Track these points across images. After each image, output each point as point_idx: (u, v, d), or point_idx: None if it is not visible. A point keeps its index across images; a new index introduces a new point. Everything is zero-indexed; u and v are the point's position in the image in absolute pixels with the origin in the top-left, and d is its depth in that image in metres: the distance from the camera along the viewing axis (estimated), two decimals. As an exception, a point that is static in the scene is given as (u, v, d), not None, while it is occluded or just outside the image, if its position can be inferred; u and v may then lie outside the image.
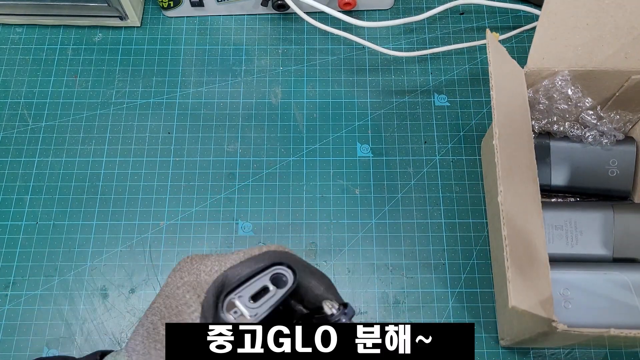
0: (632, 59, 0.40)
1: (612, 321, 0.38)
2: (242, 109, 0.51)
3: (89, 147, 0.50)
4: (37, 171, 0.49)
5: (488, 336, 0.43)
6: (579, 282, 0.39)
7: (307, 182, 0.48)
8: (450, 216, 0.47)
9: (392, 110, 0.51)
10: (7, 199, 0.48)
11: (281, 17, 0.55)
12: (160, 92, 0.52)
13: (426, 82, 0.52)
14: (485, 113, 0.51)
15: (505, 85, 0.37)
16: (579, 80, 0.41)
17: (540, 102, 0.43)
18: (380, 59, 0.53)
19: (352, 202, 0.47)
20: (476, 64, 0.53)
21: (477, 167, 0.49)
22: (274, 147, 0.50)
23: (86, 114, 0.51)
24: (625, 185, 0.44)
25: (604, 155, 0.44)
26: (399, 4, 0.56)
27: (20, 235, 0.46)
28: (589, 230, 0.42)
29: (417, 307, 0.44)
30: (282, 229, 0.47)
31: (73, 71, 0.53)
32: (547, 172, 0.44)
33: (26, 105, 0.51)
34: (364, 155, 0.49)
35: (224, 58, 0.53)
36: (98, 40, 0.54)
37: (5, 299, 0.44)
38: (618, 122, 0.44)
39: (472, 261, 0.45)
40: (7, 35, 0.54)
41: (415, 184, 0.48)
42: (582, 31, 0.39)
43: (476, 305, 0.44)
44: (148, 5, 0.56)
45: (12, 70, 0.53)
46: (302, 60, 0.53)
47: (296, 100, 0.52)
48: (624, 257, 0.41)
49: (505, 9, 0.55)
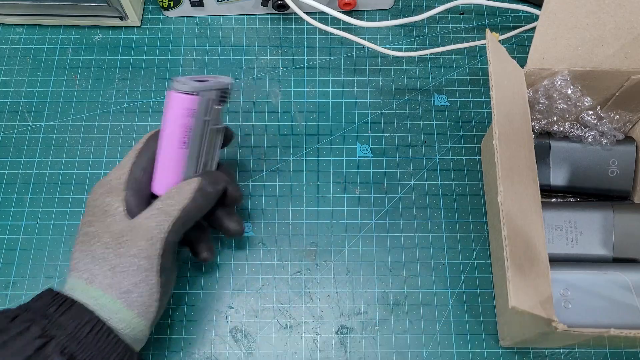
0: (632, 59, 0.40)
1: (612, 321, 0.38)
2: (242, 109, 0.51)
3: (89, 147, 0.50)
4: (37, 171, 0.49)
5: (488, 336, 0.43)
6: (579, 282, 0.39)
7: (307, 182, 0.48)
8: (450, 216, 0.47)
9: (392, 110, 0.51)
10: (7, 199, 0.48)
11: (281, 17, 0.55)
12: (160, 92, 0.52)
13: (426, 82, 0.52)
14: (485, 113, 0.51)
15: (505, 85, 0.37)
16: (578, 80, 0.41)
17: (540, 102, 0.43)
18: (380, 59, 0.53)
19: (352, 202, 0.47)
20: (476, 64, 0.53)
21: (477, 167, 0.49)
22: (274, 147, 0.50)
23: (86, 114, 0.51)
24: (625, 185, 0.44)
25: (604, 155, 0.44)
26: (399, 4, 0.56)
27: (20, 235, 0.46)
28: (589, 230, 0.42)
29: (417, 307, 0.44)
30: (282, 229, 0.47)
31: (73, 71, 0.53)
32: (547, 172, 0.44)
33: (26, 105, 0.51)
34: (364, 155, 0.49)
35: (224, 58, 0.53)
36: (98, 40, 0.54)
37: (5, 299, 0.44)
38: (618, 122, 0.44)
39: (472, 261, 0.45)
40: (7, 35, 0.54)
41: (415, 184, 0.48)
42: (582, 31, 0.39)
43: (476, 305, 0.44)
44: (148, 5, 0.56)
45: (12, 70, 0.53)
46: (302, 60, 0.53)
47: (296, 100, 0.52)
48: (624, 257, 0.41)
49: (505, 9, 0.55)
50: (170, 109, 0.37)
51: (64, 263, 0.45)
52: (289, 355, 0.42)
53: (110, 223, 0.35)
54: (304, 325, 0.43)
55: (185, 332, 0.43)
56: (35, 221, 0.47)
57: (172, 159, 0.37)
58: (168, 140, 0.37)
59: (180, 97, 0.36)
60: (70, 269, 0.35)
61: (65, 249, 0.46)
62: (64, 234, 0.46)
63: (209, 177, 0.38)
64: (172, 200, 0.36)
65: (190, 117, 0.36)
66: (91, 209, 0.37)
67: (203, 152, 0.39)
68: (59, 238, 0.46)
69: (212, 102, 0.37)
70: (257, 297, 0.44)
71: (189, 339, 0.43)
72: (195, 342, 0.43)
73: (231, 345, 0.43)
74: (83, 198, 0.48)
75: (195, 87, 0.36)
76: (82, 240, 0.36)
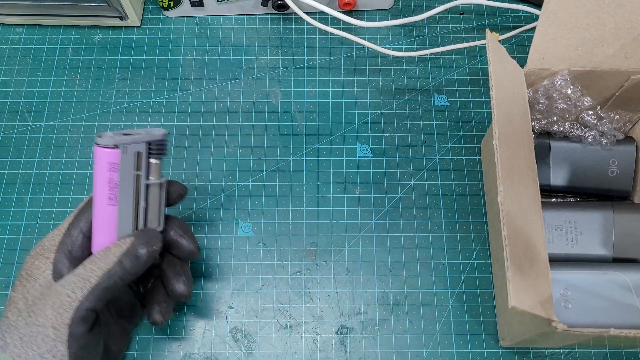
0: (632, 59, 0.40)
1: (612, 321, 0.38)
2: (242, 109, 0.51)
3: (89, 147, 0.50)
4: (37, 171, 0.49)
5: (488, 336, 0.43)
6: (579, 282, 0.39)
7: (307, 182, 0.48)
8: (450, 216, 0.47)
9: (392, 110, 0.51)
10: (7, 199, 0.48)
11: (281, 17, 0.55)
12: (160, 92, 0.52)
13: (426, 82, 0.52)
14: (485, 113, 0.51)
15: (505, 85, 0.37)
16: (578, 80, 0.41)
17: (540, 102, 0.43)
18: (380, 59, 0.53)
19: (352, 202, 0.47)
20: (476, 64, 0.53)
21: (477, 167, 0.49)
22: (274, 147, 0.50)
23: (86, 114, 0.51)
24: (625, 185, 0.44)
25: (604, 155, 0.44)
26: (399, 4, 0.56)
27: (20, 235, 0.46)
28: (589, 230, 0.42)
29: (417, 307, 0.44)
30: (282, 229, 0.47)
31: (73, 71, 0.53)
32: (547, 172, 0.44)
33: (26, 105, 0.51)
34: (364, 155, 0.49)
35: (224, 58, 0.53)
36: (98, 40, 0.54)
37: (5, 299, 0.44)
38: (618, 122, 0.44)
39: (472, 261, 0.45)
40: (7, 35, 0.54)
41: (415, 184, 0.48)
42: (582, 31, 0.39)
43: (476, 305, 0.44)
44: (148, 5, 0.56)
45: (12, 70, 0.53)
46: (302, 60, 0.53)
47: (296, 100, 0.52)
48: (624, 257, 0.41)
49: (505, 9, 0.55)
50: (95, 164, 0.35)
51: (64, 263, 0.45)
52: (289, 355, 0.42)
53: (30, 288, 0.34)
54: (304, 325, 0.43)
55: (185, 332, 0.43)
56: (35, 221, 0.47)
57: (102, 216, 0.36)
58: (97, 197, 0.35)
59: (100, 150, 0.35)
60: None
61: (65, 249, 0.46)
62: (64, 234, 0.46)
63: (142, 237, 0.36)
64: (94, 265, 0.34)
65: (114, 171, 0.35)
66: (21, 272, 0.35)
67: (140, 209, 0.36)
68: (59, 238, 0.46)
69: (141, 155, 0.35)
70: (257, 297, 0.44)
71: (189, 339, 0.43)
72: (195, 342, 0.43)
73: (231, 345, 0.43)
74: (83, 198, 0.48)
75: (117, 140, 0.34)
76: (6, 304, 0.35)
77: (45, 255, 0.35)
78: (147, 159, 0.36)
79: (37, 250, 0.36)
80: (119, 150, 0.35)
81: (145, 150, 0.36)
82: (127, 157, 0.35)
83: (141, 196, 0.36)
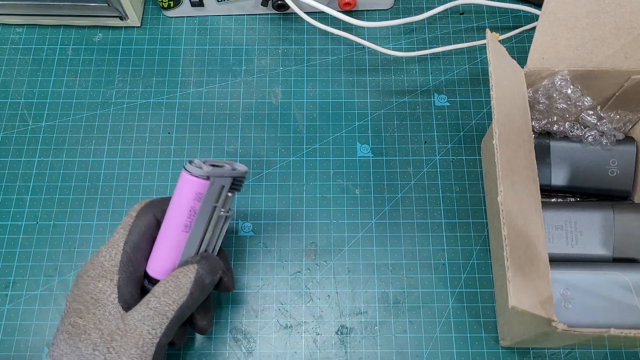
0: (632, 59, 0.40)
1: (612, 321, 0.38)
2: (242, 109, 0.51)
3: (89, 147, 0.50)
4: (37, 171, 0.49)
5: (488, 336, 0.43)
6: (579, 282, 0.39)
7: (307, 182, 0.48)
8: (450, 216, 0.47)
9: (392, 110, 0.51)
10: (7, 199, 0.48)
11: (281, 17, 0.55)
12: (160, 92, 0.52)
13: (426, 82, 0.52)
14: (485, 113, 0.51)
15: (505, 85, 0.37)
16: (578, 80, 0.41)
17: (540, 102, 0.43)
18: (380, 59, 0.53)
19: (352, 202, 0.47)
20: (476, 64, 0.53)
21: (477, 167, 0.49)
22: (274, 147, 0.50)
23: (86, 114, 0.51)
24: (625, 185, 0.44)
25: (604, 155, 0.44)
26: (399, 4, 0.56)
27: (20, 235, 0.46)
28: (589, 230, 0.42)
29: (417, 307, 0.44)
30: (282, 229, 0.47)
31: (73, 71, 0.53)
32: (547, 172, 0.44)
33: (26, 105, 0.51)
34: (364, 155, 0.49)
35: (224, 58, 0.53)
36: (98, 40, 0.54)
37: (5, 299, 0.44)
38: (618, 122, 0.44)
39: (472, 261, 0.45)
40: (7, 35, 0.54)
41: (415, 184, 0.48)
42: (582, 31, 0.39)
43: (476, 305, 0.44)
44: (148, 5, 0.56)
45: (12, 70, 0.53)
46: (302, 60, 0.53)
47: (296, 100, 0.52)
48: (624, 257, 0.41)
49: (505, 9, 0.55)
50: (180, 189, 0.36)
51: (64, 263, 0.45)
52: (289, 355, 0.42)
53: (101, 318, 0.33)
54: (304, 325, 0.43)
55: (185, 332, 0.43)
56: (35, 221, 0.47)
57: (172, 241, 0.36)
58: (173, 221, 0.36)
59: (192, 180, 0.35)
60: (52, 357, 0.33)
61: (65, 249, 0.46)
62: (64, 234, 0.46)
63: (206, 266, 0.36)
64: (168, 298, 0.34)
65: (197, 200, 0.35)
66: (81, 295, 0.34)
67: (206, 238, 0.37)
68: (58, 238, 0.46)
69: (224, 189, 0.36)
70: (257, 297, 0.44)
71: (189, 339, 0.43)
72: (195, 342, 0.43)
73: (231, 345, 0.43)
74: (83, 198, 0.48)
75: (209, 172, 0.35)
76: (69, 331, 0.33)
77: (108, 277, 0.34)
78: (226, 192, 0.37)
79: (97, 271, 0.35)
80: (209, 182, 0.35)
81: (228, 184, 0.36)
82: (212, 189, 0.36)
83: (211, 225, 0.37)
